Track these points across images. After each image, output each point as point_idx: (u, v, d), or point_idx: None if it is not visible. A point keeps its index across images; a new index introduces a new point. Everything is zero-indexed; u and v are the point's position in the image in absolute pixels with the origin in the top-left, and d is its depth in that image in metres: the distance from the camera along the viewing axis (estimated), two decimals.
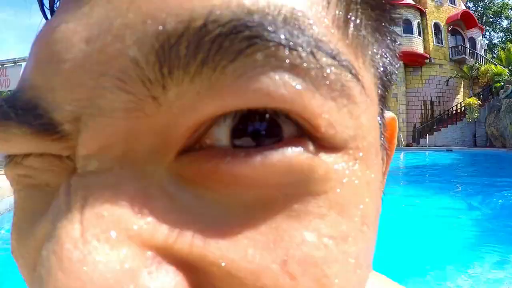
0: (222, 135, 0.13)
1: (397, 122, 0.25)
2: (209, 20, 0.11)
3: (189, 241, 0.12)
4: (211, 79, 0.12)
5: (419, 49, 22.31)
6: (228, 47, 0.11)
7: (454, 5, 24.54)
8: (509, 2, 33.61)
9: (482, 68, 20.75)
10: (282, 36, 0.12)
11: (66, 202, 0.12)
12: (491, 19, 34.57)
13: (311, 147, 0.13)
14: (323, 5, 0.14)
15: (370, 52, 0.17)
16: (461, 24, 23.84)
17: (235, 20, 0.11)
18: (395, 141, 0.24)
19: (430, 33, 22.81)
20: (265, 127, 0.13)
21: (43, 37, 0.16)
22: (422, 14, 22.98)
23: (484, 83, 20.37)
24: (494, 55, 30.85)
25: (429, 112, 22.58)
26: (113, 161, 0.13)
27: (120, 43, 0.12)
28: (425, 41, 22.72)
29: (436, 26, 23.26)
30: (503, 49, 25.15)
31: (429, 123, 21.00)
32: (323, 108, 0.13)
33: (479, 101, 19.02)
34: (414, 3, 22.86)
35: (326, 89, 0.13)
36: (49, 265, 0.11)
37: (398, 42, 0.24)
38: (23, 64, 2.85)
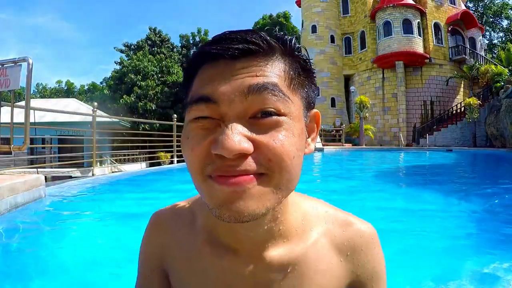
0: (258, 114, 0.42)
1: (320, 116, 0.53)
2: (252, 85, 0.41)
3: (254, 138, 0.41)
4: (256, 99, 0.41)
5: (419, 49, 22.36)
6: (259, 90, 0.41)
7: (454, 5, 24.56)
8: (509, 2, 33.61)
9: (482, 68, 20.76)
10: (270, 88, 0.42)
11: (226, 126, 0.40)
12: (491, 19, 34.57)
13: (279, 117, 0.42)
14: (284, 80, 0.44)
15: (300, 90, 0.46)
16: (461, 24, 23.87)
17: (259, 84, 0.41)
18: (320, 122, 0.52)
19: (430, 33, 22.84)
20: (268, 113, 0.41)
21: (210, 81, 0.43)
22: (422, 14, 23.01)
23: (484, 83, 20.37)
24: (494, 55, 30.85)
25: (429, 112, 22.62)
26: (235, 118, 0.41)
27: (237, 87, 0.41)
28: (425, 41, 22.77)
29: (436, 26, 23.30)
30: (503, 49, 25.17)
31: (429, 123, 21.04)
32: (282, 107, 0.42)
33: (479, 101, 19.04)
34: (414, 3, 22.90)
35: (282, 101, 0.42)
36: (223, 138, 0.39)
37: (314, 86, 0.50)
38: (23, 64, 2.84)
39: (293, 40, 0.47)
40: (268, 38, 0.44)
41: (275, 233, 0.50)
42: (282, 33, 0.47)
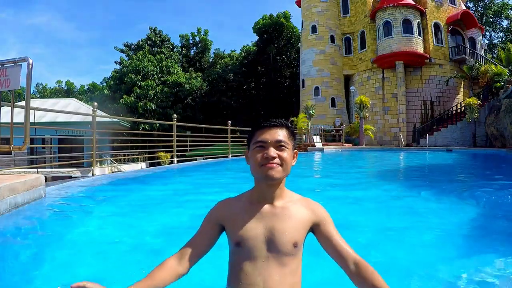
0: (278, 145, 1.18)
1: (296, 156, 1.26)
2: (278, 138, 1.16)
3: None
4: (278, 142, 1.17)
5: (419, 49, 22.37)
6: (279, 140, 1.17)
7: (454, 5, 24.56)
8: (509, 2, 33.61)
9: (482, 68, 20.76)
10: (283, 140, 1.17)
11: (268, 149, 1.15)
12: (491, 19, 34.57)
13: (285, 147, 1.18)
14: (287, 137, 1.19)
15: (292, 141, 1.21)
16: (461, 24, 23.87)
17: (282, 141, 1.16)
18: (296, 154, 1.24)
19: (430, 33, 22.85)
20: (282, 145, 1.17)
21: (262, 134, 1.18)
22: (422, 14, 23.01)
23: (484, 83, 20.37)
24: (494, 55, 30.85)
25: (429, 112, 22.63)
26: (271, 146, 1.16)
27: (272, 138, 1.16)
28: (425, 41, 22.77)
29: (436, 26, 23.30)
30: (503, 49, 25.16)
31: (429, 123, 21.05)
32: (286, 145, 1.17)
33: (479, 101, 19.04)
34: (414, 3, 22.90)
35: (286, 144, 1.17)
36: (268, 151, 1.14)
37: (295, 140, 1.25)
38: (23, 64, 2.84)
39: (290, 124, 1.22)
40: (283, 122, 1.20)
41: (278, 193, 1.20)
42: (286, 121, 1.22)
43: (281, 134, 1.16)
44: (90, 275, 1.65)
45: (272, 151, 1.13)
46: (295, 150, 1.23)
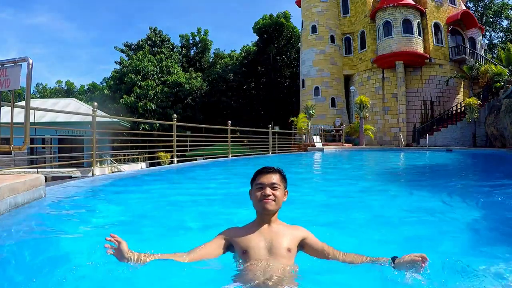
0: (272, 186, 1.73)
1: (287, 194, 1.81)
2: (273, 181, 1.71)
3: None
4: (273, 184, 1.71)
5: (419, 49, 22.37)
6: (273, 183, 1.70)
7: (454, 5, 24.56)
8: (509, 2, 33.61)
9: (482, 68, 20.76)
10: (276, 182, 1.72)
11: (265, 189, 1.70)
12: (491, 19, 34.56)
13: (278, 188, 1.73)
14: (280, 180, 1.73)
15: (283, 183, 1.76)
16: (461, 24, 23.87)
17: (275, 183, 1.71)
18: (287, 193, 1.80)
19: (430, 33, 22.84)
20: (275, 186, 1.71)
21: (261, 178, 1.73)
22: (422, 14, 23.01)
23: (484, 83, 20.37)
24: (494, 55, 30.85)
25: (429, 112, 22.62)
26: (268, 187, 1.72)
27: (268, 181, 1.72)
28: (425, 41, 22.76)
29: (436, 26, 23.29)
30: (503, 49, 25.14)
31: (429, 123, 21.04)
32: (278, 186, 1.71)
33: (479, 101, 19.04)
34: (414, 3, 22.90)
35: (279, 185, 1.72)
36: (265, 191, 1.67)
37: (286, 183, 1.80)
38: (23, 64, 2.84)
39: (282, 170, 1.78)
40: (276, 168, 1.76)
41: (273, 219, 1.70)
42: (279, 168, 1.78)
43: (274, 178, 1.71)
44: (90, 275, 1.65)
45: (268, 190, 1.66)
46: (286, 190, 1.77)
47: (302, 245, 1.65)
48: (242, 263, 1.51)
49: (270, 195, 1.64)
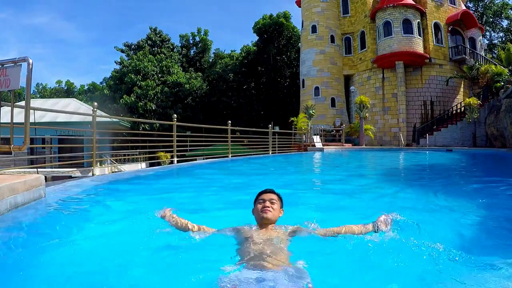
0: (271, 201, 2.18)
1: (282, 212, 2.24)
2: (271, 198, 2.17)
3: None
4: (272, 200, 2.17)
5: (419, 49, 22.36)
6: (272, 199, 2.18)
7: (454, 5, 24.55)
8: (509, 2, 33.60)
9: (482, 68, 20.75)
10: (275, 199, 2.19)
11: (265, 202, 2.15)
12: (491, 19, 34.56)
13: (275, 203, 2.18)
14: (277, 199, 2.21)
15: (279, 202, 2.22)
16: (461, 24, 23.86)
17: (273, 199, 2.18)
18: (282, 211, 2.23)
19: (430, 33, 22.84)
20: (273, 202, 2.18)
21: (262, 195, 2.22)
22: (422, 14, 23.00)
23: (484, 83, 20.36)
24: (494, 55, 30.84)
25: (429, 112, 22.63)
26: (267, 201, 2.17)
27: (268, 198, 2.20)
28: (425, 41, 22.75)
29: (436, 26, 23.29)
30: (503, 49, 25.14)
31: (429, 123, 21.04)
32: (276, 202, 2.17)
33: (479, 101, 19.03)
34: (414, 3, 22.89)
35: (276, 202, 2.19)
36: (265, 203, 2.12)
37: (282, 203, 2.25)
38: (23, 64, 2.84)
39: (279, 193, 2.25)
40: (273, 190, 2.24)
41: (271, 226, 2.08)
42: (277, 192, 2.26)
43: (273, 196, 2.17)
44: (90, 275, 1.65)
45: (267, 203, 2.11)
46: (282, 209, 2.21)
47: (295, 232, 2.06)
48: (244, 246, 1.85)
49: (268, 207, 2.09)
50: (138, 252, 1.98)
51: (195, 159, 12.07)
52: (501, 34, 35.42)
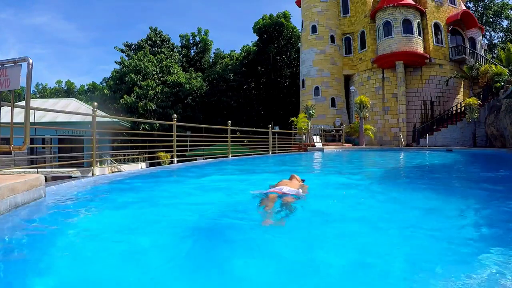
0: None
1: (305, 183, 3.97)
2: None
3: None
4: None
5: (419, 49, 22.35)
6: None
7: (454, 5, 24.55)
8: (509, 2, 33.60)
9: (482, 68, 20.75)
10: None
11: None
12: (491, 19, 34.55)
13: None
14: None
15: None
16: (461, 24, 23.86)
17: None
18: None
19: (430, 33, 22.83)
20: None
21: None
22: (422, 14, 22.99)
23: (484, 83, 20.35)
24: (494, 55, 30.84)
25: (429, 112, 22.61)
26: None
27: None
28: (425, 41, 22.74)
29: (436, 26, 23.28)
30: (503, 49, 25.14)
31: (429, 123, 21.04)
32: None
33: (479, 101, 19.03)
34: (414, 3, 22.88)
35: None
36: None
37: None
38: (23, 64, 2.84)
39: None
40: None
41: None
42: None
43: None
44: (90, 274, 1.65)
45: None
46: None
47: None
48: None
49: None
50: (139, 252, 1.98)
51: (195, 159, 12.08)
52: (501, 34, 35.42)
